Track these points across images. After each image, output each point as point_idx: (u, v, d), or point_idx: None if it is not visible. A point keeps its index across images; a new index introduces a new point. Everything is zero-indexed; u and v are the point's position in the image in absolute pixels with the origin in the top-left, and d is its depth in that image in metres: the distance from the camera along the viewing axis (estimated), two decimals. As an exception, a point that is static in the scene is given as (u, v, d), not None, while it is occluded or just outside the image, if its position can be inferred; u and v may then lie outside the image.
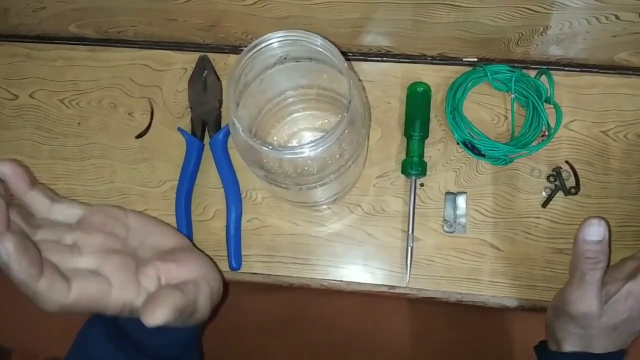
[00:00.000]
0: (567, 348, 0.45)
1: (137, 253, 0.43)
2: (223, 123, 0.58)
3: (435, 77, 0.58)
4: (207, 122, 0.58)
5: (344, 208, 0.56)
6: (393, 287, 0.54)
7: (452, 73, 0.58)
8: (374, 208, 0.56)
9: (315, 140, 0.38)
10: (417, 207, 0.54)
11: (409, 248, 0.53)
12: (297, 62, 0.45)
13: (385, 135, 0.57)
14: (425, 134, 0.56)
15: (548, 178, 0.55)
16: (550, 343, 0.47)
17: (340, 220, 0.56)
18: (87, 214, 0.42)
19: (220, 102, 0.58)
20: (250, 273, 0.55)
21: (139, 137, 0.59)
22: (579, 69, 0.58)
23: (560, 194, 0.55)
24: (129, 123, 0.60)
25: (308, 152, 0.39)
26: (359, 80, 0.59)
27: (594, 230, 0.43)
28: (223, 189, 0.56)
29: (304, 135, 0.54)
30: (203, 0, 0.53)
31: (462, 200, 0.54)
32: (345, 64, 0.40)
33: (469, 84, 0.57)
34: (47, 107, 0.61)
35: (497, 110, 0.57)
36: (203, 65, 0.59)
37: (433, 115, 0.57)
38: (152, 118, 0.60)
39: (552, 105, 0.56)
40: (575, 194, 0.54)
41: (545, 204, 0.54)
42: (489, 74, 0.56)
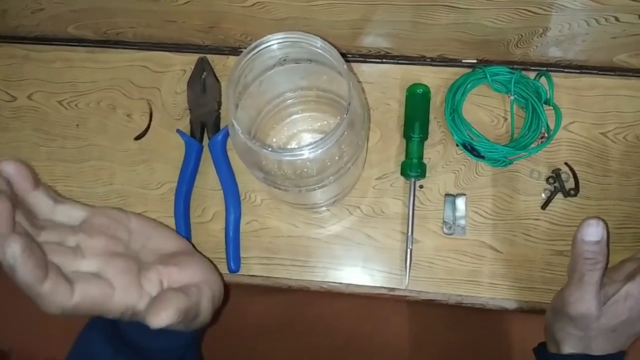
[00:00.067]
0: (566, 350, 0.45)
1: (139, 256, 0.43)
2: (222, 125, 0.58)
3: (435, 78, 0.58)
4: (206, 123, 0.58)
5: (343, 210, 0.56)
6: (392, 289, 0.54)
7: (451, 75, 0.58)
8: (373, 210, 0.56)
9: (315, 142, 0.38)
10: (416, 209, 0.54)
11: (409, 250, 0.53)
12: (296, 63, 0.45)
13: (385, 137, 0.57)
14: (425, 136, 0.56)
15: (547, 180, 0.55)
16: (550, 345, 0.47)
17: (340, 222, 0.56)
18: (90, 216, 0.42)
19: (219, 103, 0.58)
20: (249, 275, 0.55)
21: (138, 138, 0.59)
22: (579, 71, 0.58)
23: (560, 196, 0.55)
24: (128, 125, 0.60)
25: (307, 154, 0.38)
26: (359, 82, 0.59)
27: (593, 231, 0.43)
28: (222, 191, 0.56)
29: (303, 137, 0.54)
30: (202, 2, 0.53)
31: (461, 202, 0.54)
32: (345, 66, 0.40)
33: (469, 86, 0.57)
34: (45, 108, 0.61)
35: (496, 112, 0.57)
36: (202, 67, 0.59)
37: (432, 117, 0.57)
38: (150, 120, 0.60)
39: (551, 107, 0.56)
40: (575, 196, 0.54)
41: (545, 206, 0.54)
42: (489, 76, 0.56)
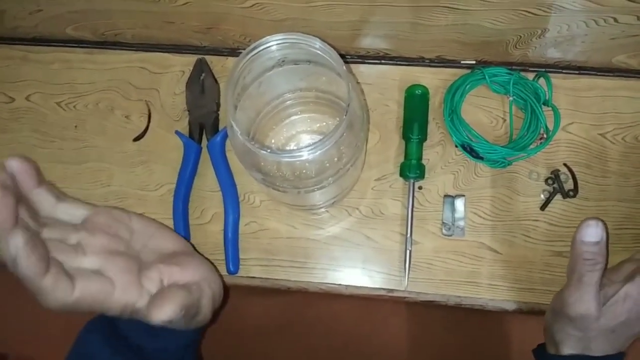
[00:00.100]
0: (565, 351, 0.45)
1: (140, 256, 0.44)
2: (221, 126, 0.58)
3: (434, 79, 0.58)
4: (204, 125, 0.57)
5: (342, 211, 0.56)
6: (391, 290, 0.54)
7: (450, 76, 0.58)
8: (372, 211, 0.55)
9: (314, 144, 0.38)
10: (415, 210, 0.54)
11: (408, 251, 0.53)
12: (295, 64, 0.45)
13: (384, 138, 0.57)
14: (424, 137, 0.56)
15: (546, 181, 0.55)
16: (549, 346, 0.47)
17: (339, 224, 0.55)
18: (91, 215, 0.42)
19: (218, 105, 0.58)
20: (248, 277, 0.55)
21: (137, 140, 0.59)
22: (577, 72, 0.58)
23: (559, 197, 0.55)
24: (126, 126, 0.60)
25: (306, 155, 0.38)
26: (358, 83, 0.59)
27: (592, 232, 0.43)
28: (221, 192, 0.55)
29: (302, 138, 0.54)
30: (201, 3, 0.53)
31: (460, 203, 0.54)
32: (344, 67, 0.40)
33: (467, 87, 0.57)
34: (43, 110, 0.61)
35: (495, 113, 0.57)
36: (201, 68, 0.59)
37: (431, 118, 0.57)
38: (149, 121, 0.60)
39: (550, 108, 0.56)
40: (574, 197, 0.54)
41: (544, 207, 0.54)
42: (487, 77, 0.56)
